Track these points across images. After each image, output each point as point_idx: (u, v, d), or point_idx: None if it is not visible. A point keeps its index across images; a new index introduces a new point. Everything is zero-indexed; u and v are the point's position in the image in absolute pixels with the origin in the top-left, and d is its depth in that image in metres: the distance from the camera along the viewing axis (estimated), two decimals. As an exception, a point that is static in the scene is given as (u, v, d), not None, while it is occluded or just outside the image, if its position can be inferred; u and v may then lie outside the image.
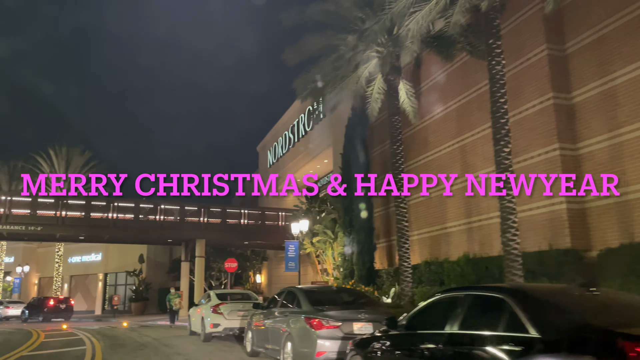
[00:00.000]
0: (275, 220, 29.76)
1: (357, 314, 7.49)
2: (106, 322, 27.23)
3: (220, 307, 12.52)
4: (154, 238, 29.08)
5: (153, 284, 39.64)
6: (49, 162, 38.31)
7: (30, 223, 23.62)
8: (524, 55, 13.94)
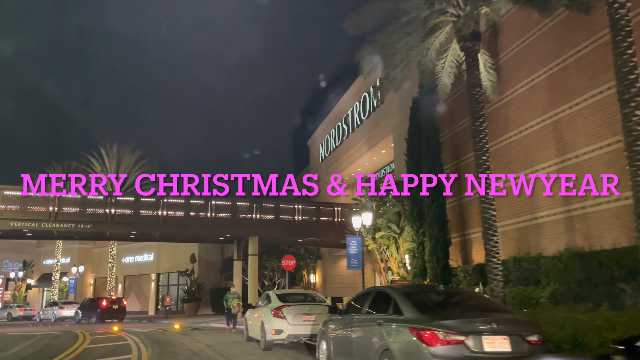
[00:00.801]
0: (330, 216, 27.89)
1: (486, 323, 5.38)
2: (158, 324, 26.17)
3: (283, 311, 10.71)
4: (205, 236, 27.83)
5: (205, 284, 38.69)
6: (101, 162, 38.03)
7: (79, 221, 22.78)
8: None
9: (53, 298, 42.70)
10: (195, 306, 37.70)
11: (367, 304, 7.26)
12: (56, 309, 34.25)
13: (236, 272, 28.91)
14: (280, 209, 26.83)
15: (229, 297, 17.74)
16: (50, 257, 44.61)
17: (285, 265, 18.05)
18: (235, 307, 17.47)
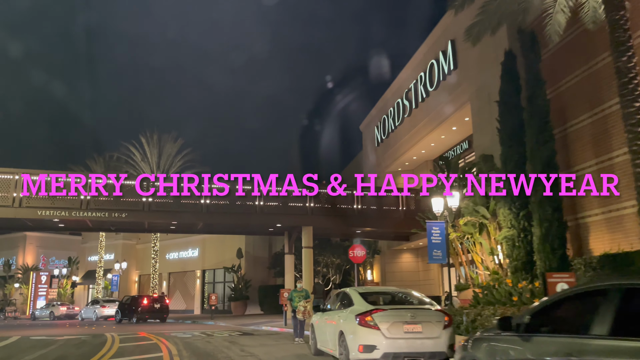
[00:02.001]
0: (393, 205, 24.30)
1: None
2: (202, 326, 23.35)
3: (375, 317, 7.29)
4: (252, 226, 24.81)
5: (253, 281, 35.88)
6: (142, 151, 35.88)
7: (113, 209, 20.20)
8: None
9: (97, 296, 41.06)
10: (242, 305, 34.94)
11: (561, 313, 3.66)
12: (97, 308, 32.24)
13: (287, 267, 25.79)
14: (337, 195, 23.47)
15: (295, 297, 13.08)
16: (95, 253, 43.07)
17: (354, 256, 14.49)
18: (303, 313, 12.69)
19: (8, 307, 40.63)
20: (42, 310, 37.71)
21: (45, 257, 54.38)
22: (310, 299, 12.19)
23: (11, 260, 52.52)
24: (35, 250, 53.80)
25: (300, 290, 13.39)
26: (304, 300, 12.87)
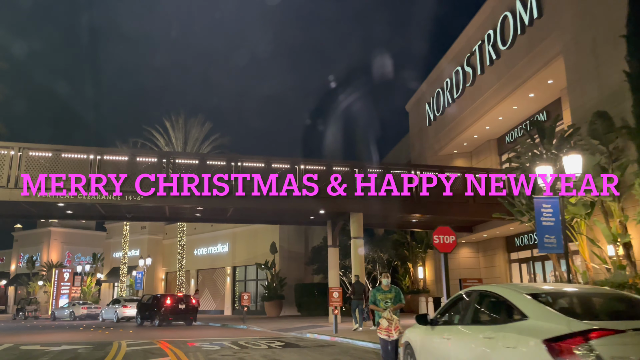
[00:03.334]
0: (459, 187, 20.21)
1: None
2: (233, 331, 19.81)
3: (600, 346, 3.41)
4: (290, 214, 21.11)
5: (288, 279, 32.30)
6: (166, 137, 32.76)
7: (127, 191, 16.83)
8: None
9: (121, 294, 38.22)
10: (277, 305, 31.40)
11: None
12: (118, 308, 29.18)
13: (331, 262, 22.03)
14: (392, 177, 19.58)
15: (379, 299, 8.06)
16: (120, 249, 40.29)
17: (441, 243, 10.42)
18: (385, 324, 7.74)
19: (28, 306, 38.13)
20: (62, 310, 35.04)
21: (71, 254, 52.17)
22: (403, 301, 7.99)
23: (35, 256, 50.44)
24: (60, 246, 51.64)
25: (388, 290, 8.08)
26: (391, 306, 7.89)
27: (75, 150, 16.85)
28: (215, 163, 18.06)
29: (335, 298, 15.37)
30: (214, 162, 18.08)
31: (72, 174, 16.60)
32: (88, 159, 16.90)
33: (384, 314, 7.77)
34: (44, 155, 16.55)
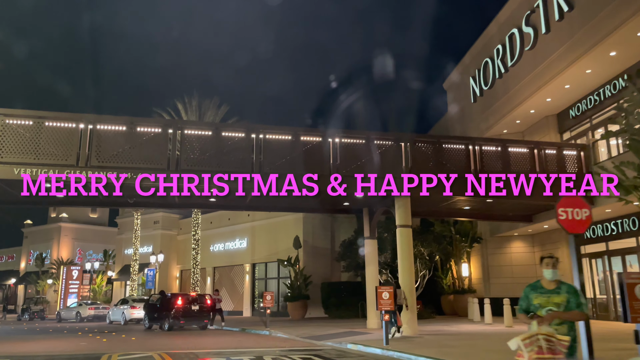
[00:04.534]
0: (523, 164, 16.67)
1: None
2: (255, 338, 16.61)
3: None
4: (321, 200, 17.76)
5: (313, 277, 29.04)
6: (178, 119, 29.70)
7: (125, 168, 13.72)
8: None
9: (132, 294, 35.40)
10: (301, 306, 28.16)
11: None
12: (126, 309, 26.27)
13: (369, 257, 18.67)
14: (443, 151, 16.14)
15: (538, 301, 4.61)
16: (132, 245, 37.47)
17: (568, 220, 6.96)
18: (549, 337, 4.18)
19: (34, 306, 35.53)
20: (68, 311, 32.33)
21: (82, 251, 49.65)
22: (580, 314, 4.45)
23: (45, 253, 48.00)
24: (70, 243, 49.16)
25: (554, 289, 4.66)
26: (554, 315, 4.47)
27: (61, 118, 13.79)
28: (232, 135, 14.84)
29: (385, 300, 12.05)
30: (231, 133, 14.85)
31: (58, 147, 13.55)
32: (78, 129, 13.81)
33: (538, 328, 4.30)
34: (24, 123, 13.52)
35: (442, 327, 17.85)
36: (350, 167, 15.34)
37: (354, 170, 15.36)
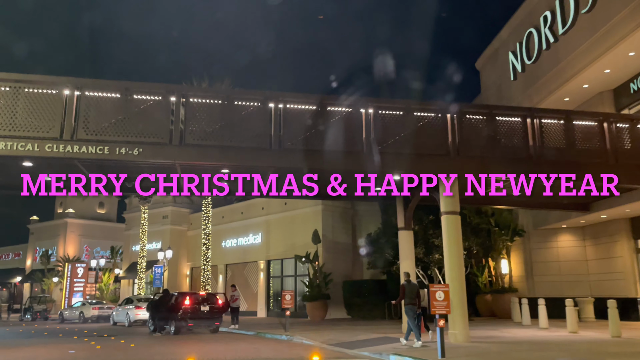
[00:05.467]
0: (589, 140, 14.03)
1: None
2: (273, 345, 14.24)
3: None
4: (347, 186, 15.25)
5: (334, 275, 26.62)
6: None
7: (119, 142, 11.37)
8: None
9: (139, 292, 33.26)
10: (321, 306, 25.74)
11: None
12: (131, 309, 24.06)
13: (404, 251, 16.13)
14: (496, 124, 13.59)
15: None
16: (139, 242, 35.29)
17: None
18: None
19: (37, 306, 33.56)
20: (71, 311, 30.28)
21: (90, 248, 47.72)
22: None
23: (51, 250, 46.12)
24: (77, 239, 47.23)
25: None
26: None
27: (43, 83, 11.47)
28: (246, 104, 12.42)
29: (440, 301, 9.56)
30: (245, 102, 12.42)
31: (38, 117, 11.27)
32: (62, 95, 11.49)
33: None
34: None
35: (491, 332, 15.31)
36: (386, 142, 12.85)
37: (391, 146, 12.87)
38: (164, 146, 11.76)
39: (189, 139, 11.92)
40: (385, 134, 12.91)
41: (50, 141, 11.22)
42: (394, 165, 12.94)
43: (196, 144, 11.93)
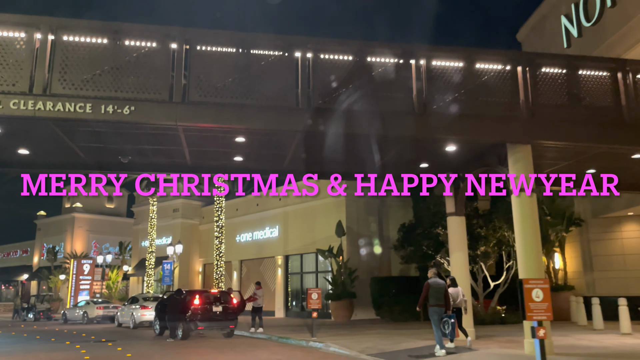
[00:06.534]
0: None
1: None
2: (301, 352, 11.67)
3: None
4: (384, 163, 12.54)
5: (359, 271, 23.98)
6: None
7: (104, 98, 8.88)
8: None
9: (148, 291, 30.98)
10: (347, 306, 23.13)
11: None
12: (136, 309, 21.66)
13: (455, 242, 13.42)
14: (578, 79, 10.85)
15: None
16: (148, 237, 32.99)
17: None
18: None
19: (40, 305, 31.43)
20: (74, 310, 28.02)
21: (98, 244, 45.61)
22: None
23: (58, 247, 44.09)
24: (85, 235, 45.14)
25: None
26: None
27: (8, 23, 8.98)
28: (266, 53, 9.81)
29: (537, 303, 6.91)
30: (264, 50, 9.81)
31: (3, 67, 8.81)
32: (33, 39, 8.99)
33: None
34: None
35: (564, 338, 12.63)
36: (443, 100, 10.17)
37: (447, 105, 10.19)
38: (163, 104, 9.22)
39: (194, 96, 9.36)
40: (440, 91, 10.22)
41: (17, 96, 8.75)
42: (451, 129, 10.23)
43: (203, 101, 9.37)
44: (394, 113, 9.99)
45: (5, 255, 53.57)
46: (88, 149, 11.23)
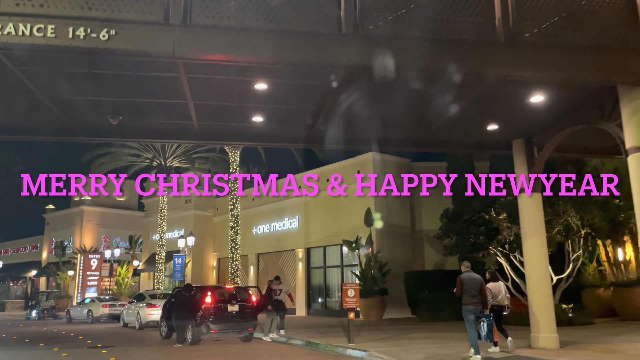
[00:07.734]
0: None
1: None
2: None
3: None
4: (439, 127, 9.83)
5: (391, 265, 21.36)
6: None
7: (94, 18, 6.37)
8: None
9: (158, 287, 28.69)
10: (378, 304, 20.54)
11: None
12: (142, 308, 19.30)
13: (528, 226, 10.64)
14: None
15: None
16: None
17: None
18: None
19: (44, 302, 29.37)
20: (79, 309, 25.85)
21: (108, 238, 43.55)
22: None
23: (67, 241, 42.11)
24: (95, 229, 43.10)
25: None
26: None
27: None
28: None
29: None
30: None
31: None
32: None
33: None
34: None
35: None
36: (539, 26, 7.46)
37: (540, 34, 7.47)
38: (155, 26, 6.64)
39: (200, 17, 6.77)
40: (534, 15, 7.51)
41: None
42: (548, 63, 7.50)
43: (212, 24, 6.76)
44: (470, 43, 7.30)
45: (15, 251, 51.92)
46: (65, 104, 8.74)
